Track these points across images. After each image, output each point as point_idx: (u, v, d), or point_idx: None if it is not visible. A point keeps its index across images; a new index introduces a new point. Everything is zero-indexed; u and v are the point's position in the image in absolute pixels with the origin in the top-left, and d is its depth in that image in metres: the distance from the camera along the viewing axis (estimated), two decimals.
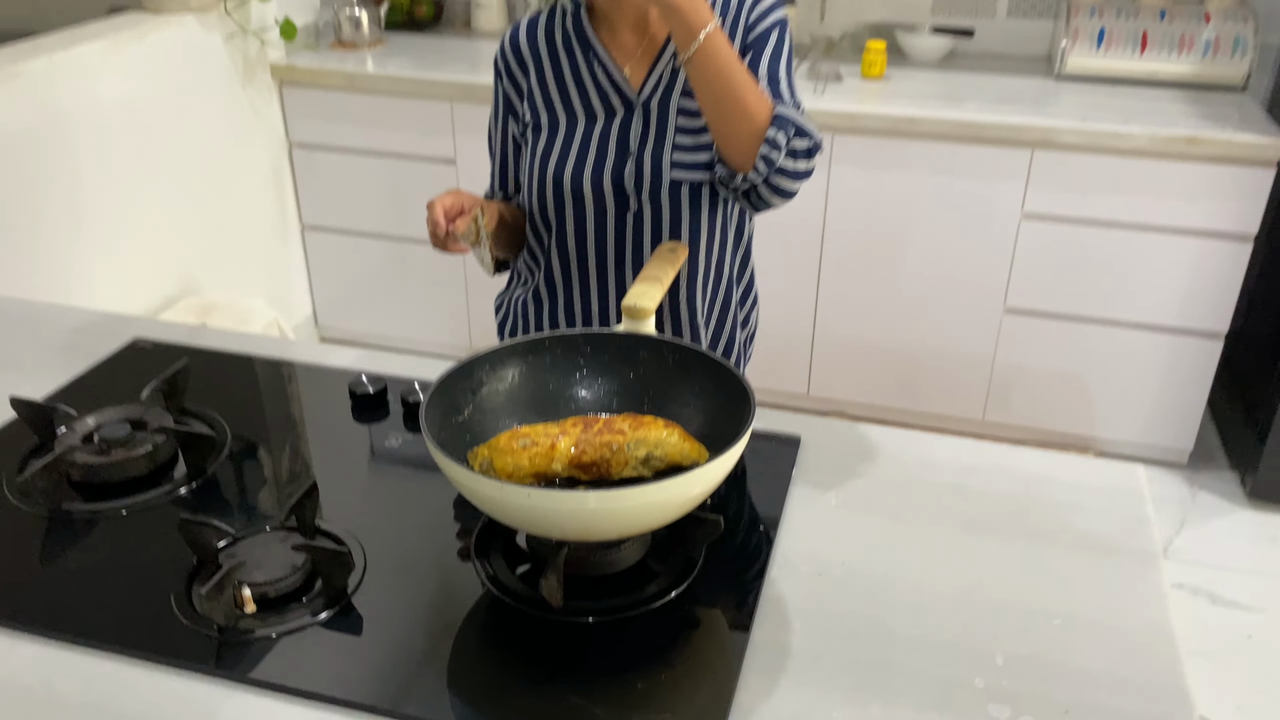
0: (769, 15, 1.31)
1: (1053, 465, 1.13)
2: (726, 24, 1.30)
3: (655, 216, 1.33)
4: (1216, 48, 2.45)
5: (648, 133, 1.31)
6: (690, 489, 0.87)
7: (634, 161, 1.31)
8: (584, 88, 1.33)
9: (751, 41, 1.30)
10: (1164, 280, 2.34)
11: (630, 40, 1.32)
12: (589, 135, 1.32)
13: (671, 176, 1.31)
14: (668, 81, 1.30)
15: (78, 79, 2.12)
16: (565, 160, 1.32)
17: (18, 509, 1.05)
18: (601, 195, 1.32)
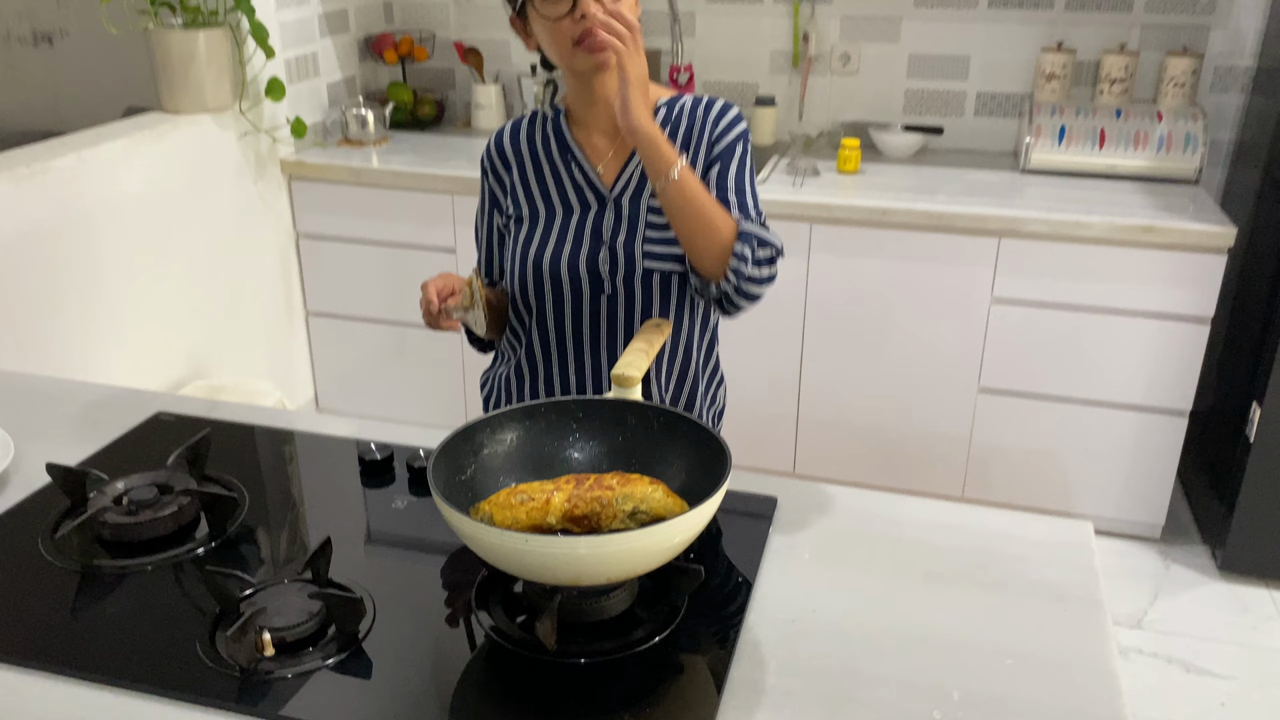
0: (732, 129, 1.45)
1: (1007, 523, 1.23)
2: (692, 136, 1.44)
3: (629, 300, 1.45)
4: (1169, 144, 2.62)
5: (619, 225, 1.44)
6: (672, 537, 0.97)
7: (608, 250, 1.44)
8: (562, 184, 1.46)
9: (718, 154, 1.44)
10: (1129, 360, 2.46)
11: (603, 143, 1.46)
12: (566, 225, 1.45)
13: (644, 265, 1.43)
14: (637, 182, 1.44)
15: (101, 174, 2.26)
16: (545, 247, 1.45)
17: (52, 565, 1.14)
18: (578, 279, 1.44)
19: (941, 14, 2.85)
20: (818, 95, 3.01)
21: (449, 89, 3.31)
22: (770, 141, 2.98)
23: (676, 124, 1.46)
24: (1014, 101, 2.89)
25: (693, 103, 1.48)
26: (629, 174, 1.45)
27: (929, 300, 2.53)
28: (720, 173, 1.43)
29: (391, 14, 3.30)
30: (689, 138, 1.45)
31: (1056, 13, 2.79)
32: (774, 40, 3.00)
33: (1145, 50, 2.76)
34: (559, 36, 1.35)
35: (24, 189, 2.08)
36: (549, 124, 1.49)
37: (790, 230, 2.52)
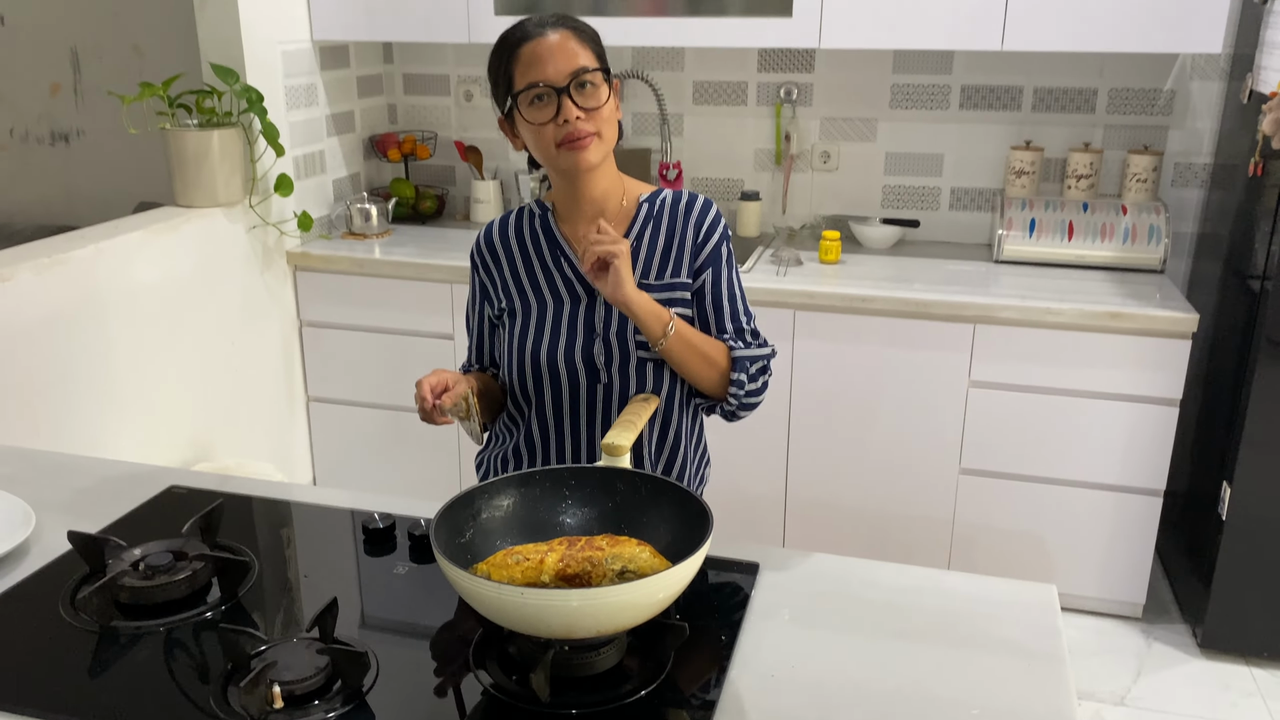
0: (715, 231, 1.56)
1: (975, 586, 1.30)
2: (675, 234, 1.54)
3: (624, 387, 1.54)
4: (1134, 235, 2.75)
5: (610, 317, 1.53)
6: (656, 592, 1.04)
7: (602, 341, 1.52)
8: (552, 278, 1.55)
9: (706, 260, 1.55)
10: (1103, 441, 2.55)
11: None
12: (559, 317, 1.54)
13: (638, 355, 1.52)
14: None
15: (117, 264, 2.37)
16: (541, 340, 1.53)
17: (71, 626, 1.20)
18: (575, 370, 1.53)
19: (916, 115, 3.02)
20: (800, 190, 3.17)
21: (449, 185, 3.47)
22: (755, 233, 3.12)
23: (659, 220, 1.56)
24: (986, 196, 3.05)
25: (673, 199, 1.57)
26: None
27: (909, 384, 2.62)
28: (713, 283, 1.55)
29: (395, 115, 3.47)
30: (671, 235, 1.55)
31: (1024, 114, 2.95)
32: (757, 139, 3.16)
33: (1109, 148, 2.92)
34: (543, 139, 1.46)
35: (45, 278, 2.18)
36: (536, 220, 1.59)
37: (775, 316, 2.64)
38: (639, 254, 1.54)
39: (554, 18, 1.48)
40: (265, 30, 2.79)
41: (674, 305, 1.54)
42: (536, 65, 1.43)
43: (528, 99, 1.44)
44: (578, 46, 1.45)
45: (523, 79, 1.44)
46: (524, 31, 1.46)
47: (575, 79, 1.43)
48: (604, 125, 1.47)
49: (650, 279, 1.54)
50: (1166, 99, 2.85)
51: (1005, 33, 2.53)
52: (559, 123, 1.43)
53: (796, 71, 3.07)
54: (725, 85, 3.14)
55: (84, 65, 3.64)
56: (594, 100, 1.45)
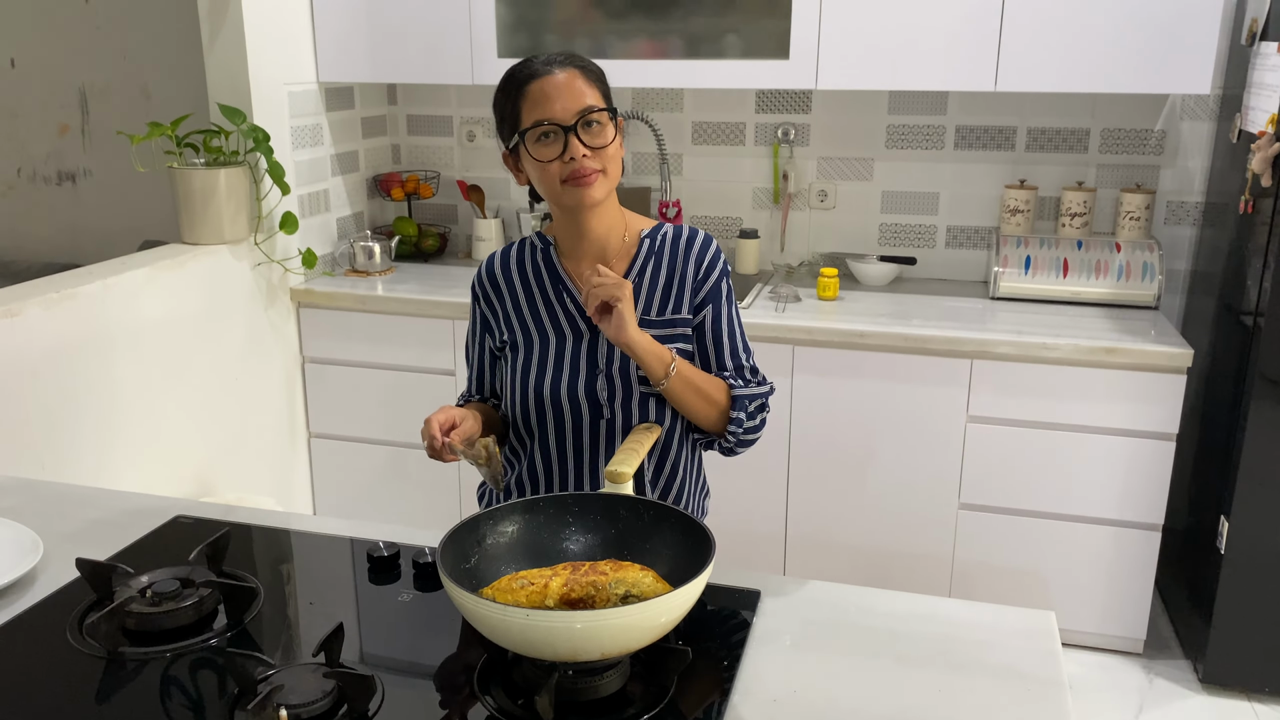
0: (715, 267, 1.58)
1: (974, 612, 1.31)
2: (676, 269, 1.57)
3: (626, 422, 1.56)
4: (1129, 272, 2.79)
5: (612, 354, 1.54)
6: (659, 616, 1.05)
7: (605, 377, 1.54)
8: (554, 312, 1.57)
9: (707, 295, 1.57)
10: (1101, 476, 2.57)
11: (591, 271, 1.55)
12: (562, 353, 1.55)
13: (640, 390, 1.54)
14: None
15: (123, 300, 2.40)
16: (544, 375, 1.55)
17: (79, 652, 1.21)
18: (578, 406, 1.55)
19: (911, 154, 3.07)
20: (797, 228, 3.21)
21: (452, 223, 3.51)
22: (754, 271, 3.15)
23: (660, 256, 1.58)
24: (982, 234, 3.09)
25: (674, 235, 1.60)
26: None
27: (908, 419, 2.64)
28: (713, 319, 1.58)
29: (399, 154, 3.52)
30: (672, 272, 1.57)
31: (1018, 153, 3.00)
32: (756, 179, 3.21)
33: (1102, 187, 2.97)
34: (548, 175, 1.48)
35: (53, 312, 2.21)
36: (539, 254, 1.61)
37: (774, 352, 2.66)
38: (640, 290, 1.57)
39: (562, 56, 1.50)
40: (272, 71, 2.84)
41: (675, 341, 1.56)
42: (544, 103, 1.45)
43: (535, 136, 1.47)
44: (585, 85, 1.47)
45: (530, 116, 1.46)
46: (532, 69, 1.48)
47: (582, 117, 1.45)
48: (609, 163, 1.49)
49: (652, 315, 1.57)
50: (1158, 139, 2.91)
51: (998, 74, 2.59)
52: (565, 160, 1.46)
53: (794, 112, 3.13)
54: (724, 126, 3.19)
55: (92, 106, 3.70)
56: (600, 139, 1.47)
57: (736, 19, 2.80)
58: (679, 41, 2.83)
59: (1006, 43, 2.56)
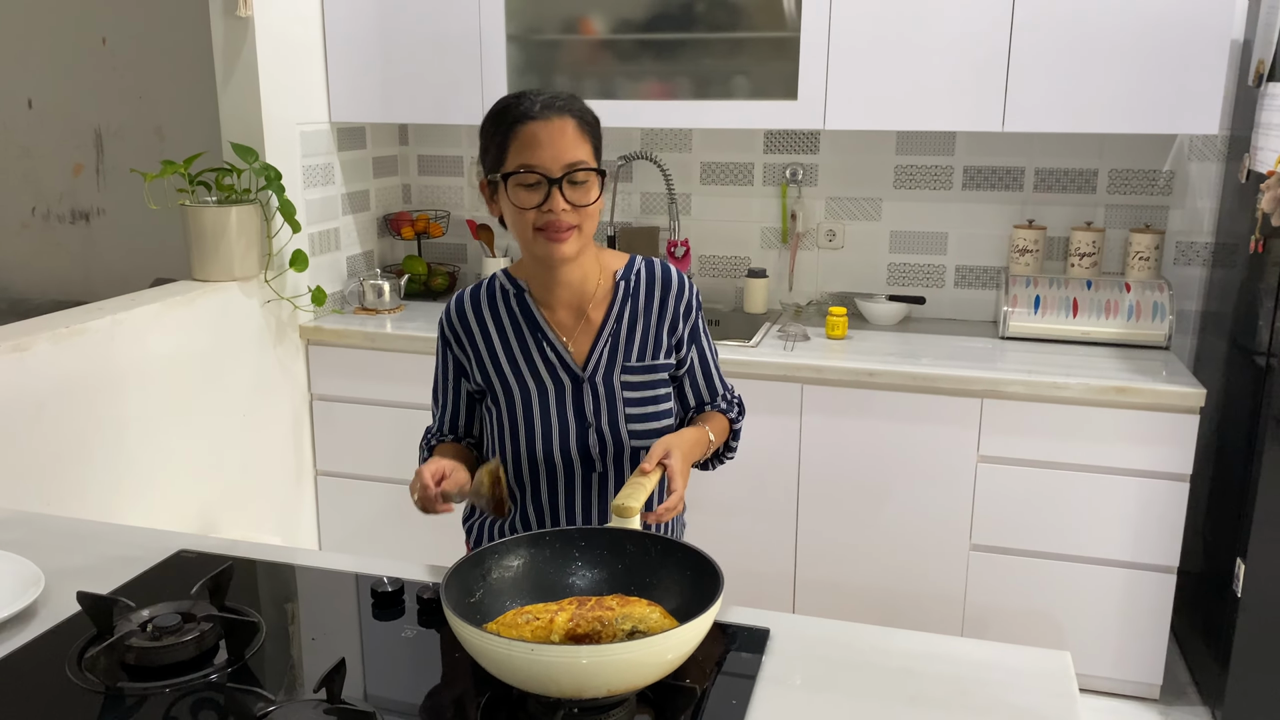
0: (693, 308, 1.61)
1: (988, 652, 1.29)
2: (654, 304, 1.56)
3: (619, 475, 1.55)
4: (1139, 312, 2.78)
5: (599, 405, 1.52)
6: (665, 652, 1.04)
7: (595, 432, 1.52)
8: (533, 361, 1.53)
9: (689, 336, 1.60)
10: (1114, 517, 2.53)
11: (568, 318, 1.54)
12: (547, 406, 1.52)
13: (631, 445, 1.53)
14: (608, 360, 1.53)
15: (133, 336, 2.41)
16: (533, 434, 1.52)
17: (78, 687, 1.19)
18: (570, 462, 1.53)
19: (919, 195, 3.08)
20: (806, 267, 3.21)
21: (461, 262, 3.52)
22: (762, 310, 3.15)
23: (636, 298, 1.56)
24: (991, 274, 3.08)
25: (647, 274, 1.57)
26: (599, 353, 1.54)
27: (918, 458, 2.62)
28: (699, 358, 1.61)
29: (410, 194, 3.54)
30: (649, 314, 1.56)
31: (1026, 194, 3.01)
32: (764, 218, 3.22)
33: (1110, 227, 2.97)
34: (523, 221, 1.43)
35: (62, 347, 2.21)
36: (511, 298, 1.55)
37: (783, 391, 2.65)
38: (620, 335, 1.54)
39: (560, 100, 1.44)
40: (285, 111, 2.87)
41: (657, 387, 1.57)
42: (533, 148, 1.40)
43: (517, 180, 1.42)
44: (577, 138, 1.42)
45: (516, 159, 1.41)
46: (527, 110, 1.41)
47: (569, 172, 1.41)
48: (586, 220, 1.45)
49: (632, 360, 1.55)
50: (1166, 179, 2.91)
51: (1006, 114, 2.60)
52: (543, 210, 1.42)
53: (802, 153, 3.14)
54: (732, 166, 3.21)
55: (107, 146, 3.74)
56: (583, 196, 1.43)
57: (745, 60, 2.82)
58: (687, 82, 2.85)
59: (1013, 83, 2.58)
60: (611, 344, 1.54)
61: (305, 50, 2.96)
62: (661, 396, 1.56)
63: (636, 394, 1.54)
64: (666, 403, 1.57)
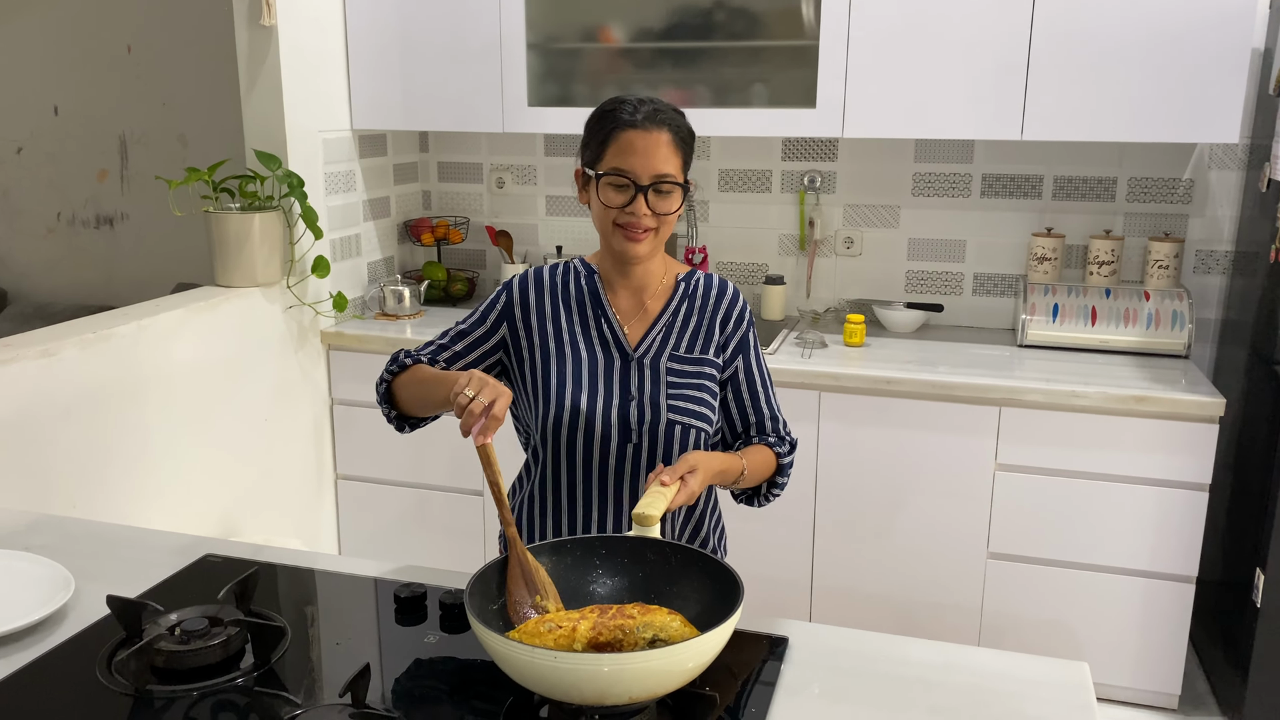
0: (744, 319, 1.66)
1: (1006, 662, 1.29)
2: (705, 315, 1.63)
3: (651, 450, 1.58)
4: (1158, 321, 2.77)
5: (644, 383, 1.59)
6: (686, 661, 1.05)
7: (636, 404, 1.58)
8: (589, 333, 1.62)
9: (737, 347, 1.65)
10: (1133, 526, 2.53)
11: (629, 304, 1.63)
12: (595, 374, 1.59)
13: (668, 418, 1.57)
14: (658, 346, 1.61)
15: (157, 341, 2.44)
16: (580, 391, 1.58)
17: (107, 689, 1.22)
18: (609, 427, 1.57)
19: (938, 203, 3.08)
20: (824, 275, 3.22)
21: (480, 268, 3.55)
22: (780, 316, 3.16)
23: (693, 300, 1.65)
24: (1009, 281, 3.08)
25: (705, 283, 1.67)
26: (651, 339, 1.62)
27: (935, 467, 2.62)
28: (745, 370, 1.66)
29: (430, 201, 3.57)
30: (702, 316, 1.64)
31: (1045, 202, 3.01)
32: (782, 225, 3.23)
33: (1129, 235, 2.96)
34: (607, 216, 1.55)
35: (88, 353, 2.25)
36: (581, 277, 1.65)
37: (800, 398, 2.66)
38: (673, 329, 1.63)
39: (663, 113, 1.54)
40: (307, 119, 2.90)
41: (702, 379, 1.61)
42: (629, 155, 1.51)
43: (609, 180, 1.52)
44: (670, 152, 1.52)
45: (612, 161, 1.52)
46: (631, 117, 1.52)
47: (657, 183, 1.51)
48: (664, 225, 1.56)
49: (681, 351, 1.62)
50: (1186, 187, 2.90)
51: (1024, 123, 2.60)
52: (626, 211, 1.52)
53: (820, 160, 3.15)
54: (750, 173, 3.22)
55: (131, 152, 3.78)
56: (666, 206, 1.53)
57: (764, 69, 2.84)
58: (706, 91, 2.87)
59: (1032, 91, 2.58)
60: (664, 333, 1.62)
61: (328, 58, 2.99)
62: (705, 388, 1.61)
63: (679, 379, 1.60)
64: (709, 394, 1.61)
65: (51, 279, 4.00)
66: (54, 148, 3.86)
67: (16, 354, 2.09)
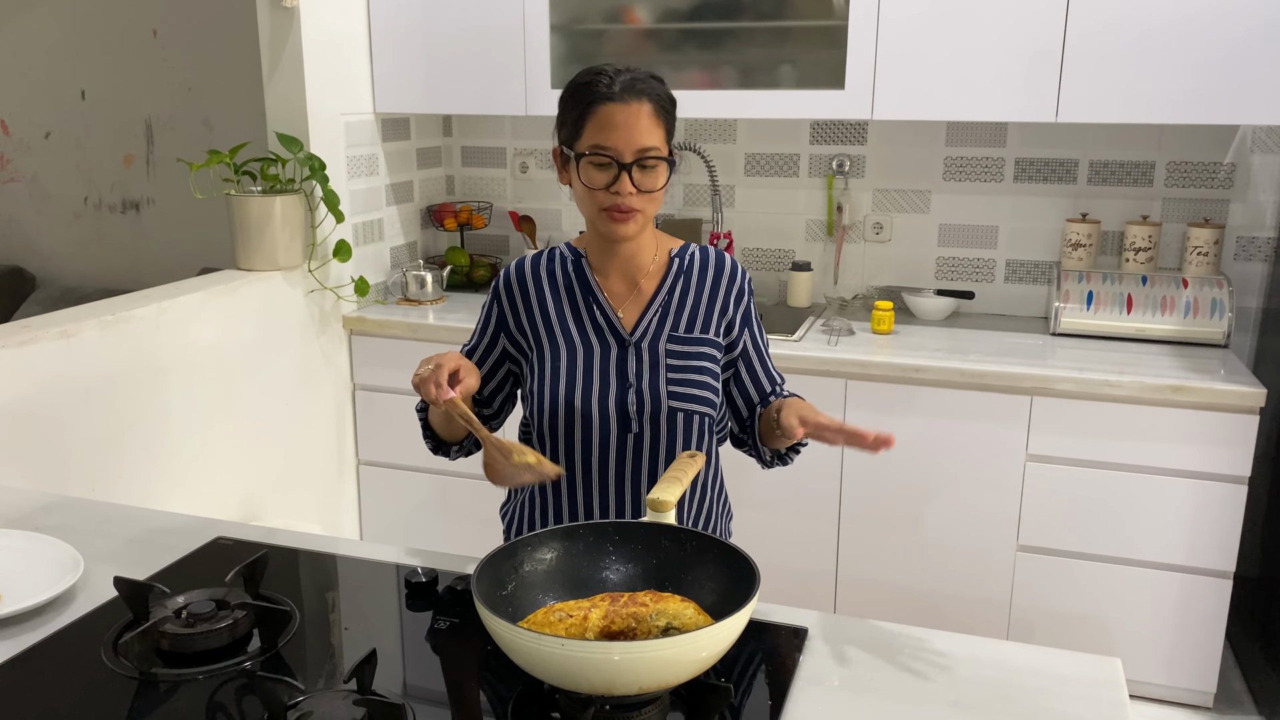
0: (745, 293, 1.61)
1: (1034, 657, 1.24)
2: (705, 288, 1.58)
3: (654, 439, 1.53)
4: (1196, 309, 2.69)
5: (642, 368, 1.54)
6: (700, 650, 1.01)
7: (635, 392, 1.52)
8: (582, 322, 1.56)
9: (741, 322, 1.60)
10: (1168, 519, 2.46)
11: (621, 286, 1.57)
12: (590, 364, 1.54)
13: (669, 405, 1.52)
14: (655, 328, 1.55)
15: (178, 324, 2.43)
16: (574, 384, 1.53)
17: (113, 672, 1.20)
18: (607, 418, 1.52)
19: (969, 187, 3.01)
20: (851, 261, 3.16)
21: (503, 253, 3.52)
22: (806, 304, 3.11)
23: (689, 276, 1.59)
24: (1042, 268, 3.01)
25: (700, 256, 1.61)
26: (647, 321, 1.56)
27: (964, 457, 2.57)
28: (751, 343, 1.61)
29: (453, 186, 3.54)
30: (700, 292, 1.58)
31: (1080, 186, 2.93)
32: (809, 210, 3.17)
33: (1168, 221, 2.88)
34: (591, 199, 1.47)
35: (108, 334, 2.24)
36: (569, 264, 1.59)
37: (826, 386, 2.61)
38: (670, 307, 1.58)
39: (642, 81, 1.45)
40: (330, 102, 2.88)
41: (703, 360, 1.56)
42: (608, 130, 1.43)
43: (589, 160, 1.45)
44: (652, 123, 1.45)
45: (591, 138, 1.44)
46: (607, 91, 1.44)
47: (640, 158, 1.44)
48: (650, 203, 1.48)
49: (680, 331, 1.57)
50: (1227, 172, 2.82)
51: (1060, 105, 2.53)
52: (610, 191, 1.45)
53: (849, 144, 3.09)
54: (777, 157, 3.17)
55: (157, 137, 3.78)
56: (651, 183, 1.46)
57: (791, 49, 2.78)
58: (732, 72, 2.81)
59: (1068, 72, 2.51)
60: (660, 313, 1.56)
61: (350, 41, 2.96)
62: (707, 370, 1.56)
63: (680, 361, 1.55)
64: (711, 377, 1.56)
65: (79, 263, 4.02)
66: (81, 132, 3.87)
67: (35, 335, 2.08)
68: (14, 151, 4.01)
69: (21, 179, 4.03)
